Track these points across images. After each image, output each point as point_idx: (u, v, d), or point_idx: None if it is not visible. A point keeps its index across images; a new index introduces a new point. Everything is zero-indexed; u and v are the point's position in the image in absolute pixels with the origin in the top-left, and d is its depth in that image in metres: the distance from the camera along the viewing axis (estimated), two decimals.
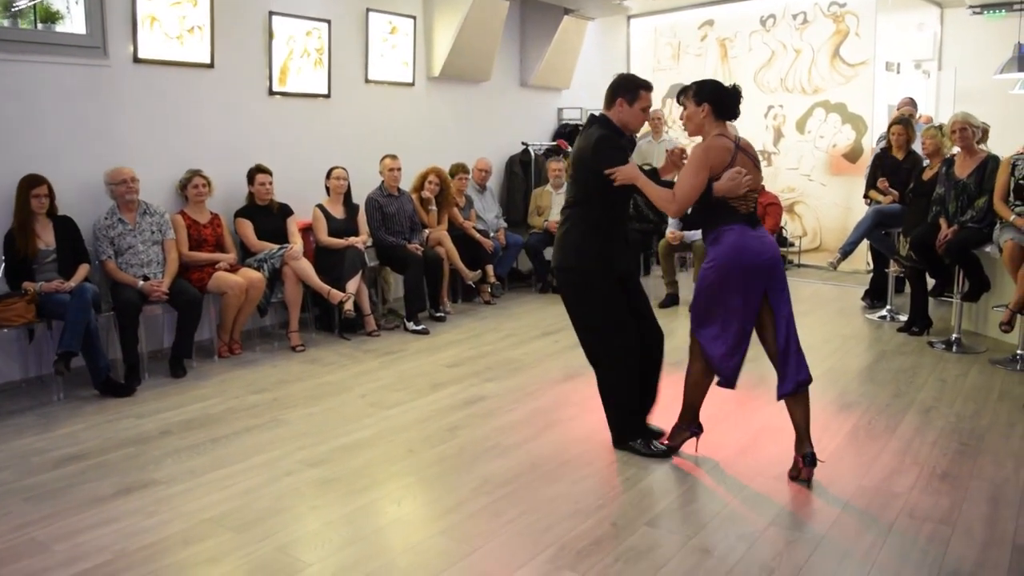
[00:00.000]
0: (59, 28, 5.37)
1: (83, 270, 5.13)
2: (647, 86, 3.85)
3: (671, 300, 7.42)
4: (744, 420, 4.40)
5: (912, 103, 7.77)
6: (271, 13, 6.35)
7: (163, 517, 3.32)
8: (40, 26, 5.28)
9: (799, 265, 9.44)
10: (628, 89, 3.82)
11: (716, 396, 4.71)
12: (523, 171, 8.75)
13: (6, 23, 5.15)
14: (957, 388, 4.90)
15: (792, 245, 9.38)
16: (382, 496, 3.48)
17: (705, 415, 4.39)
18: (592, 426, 4.27)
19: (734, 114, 3.62)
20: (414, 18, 7.54)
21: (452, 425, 4.33)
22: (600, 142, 3.74)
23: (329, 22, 6.76)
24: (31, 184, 4.96)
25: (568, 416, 4.47)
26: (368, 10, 7.08)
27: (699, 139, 3.64)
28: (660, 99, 10.56)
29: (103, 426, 4.45)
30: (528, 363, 5.55)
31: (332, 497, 3.48)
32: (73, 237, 5.19)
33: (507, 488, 3.51)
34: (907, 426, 4.24)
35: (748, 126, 9.76)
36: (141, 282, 5.29)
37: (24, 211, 4.97)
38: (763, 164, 9.47)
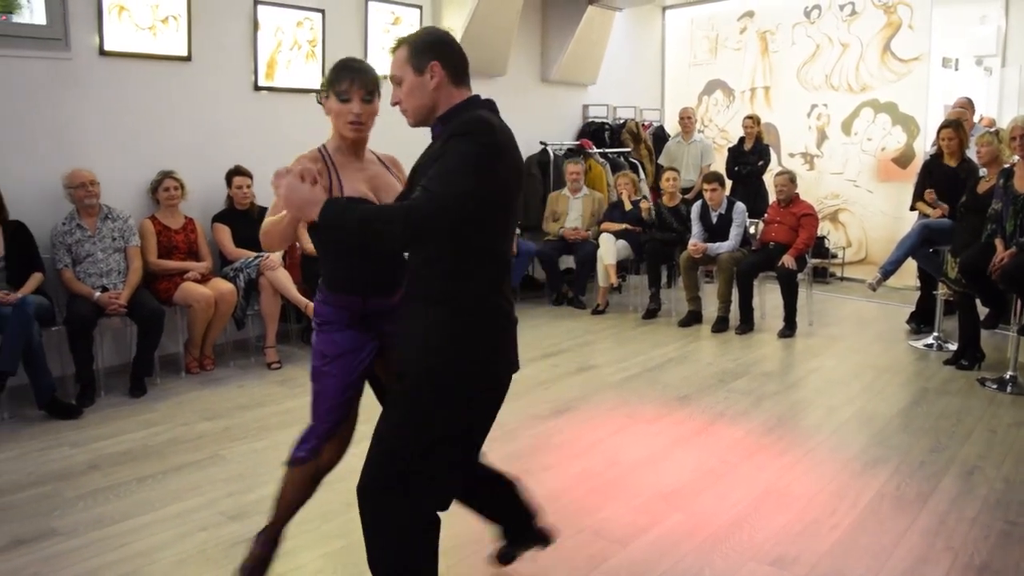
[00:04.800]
0: (17, 18, 4.95)
1: (34, 280, 4.72)
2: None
3: (693, 318, 6.77)
4: (747, 478, 3.76)
5: (969, 104, 6.96)
6: (256, 2, 5.86)
7: None
8: None
9: (841, 279, 8.69)
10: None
11: (717, 445, 4.14)
12: (541, 173, 8.17)
13: None
14: (1008, 442, 4.17)
15: (834, 257, 8.63)
16: (295, 568, 2.95)
17: (703, 469, 3.81)
18: (567, 480, 3.70)
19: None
20: (420, 7, 7.01)
21: None
22: None
23: (323, 12, 6.26)
24: None
25: (543, 465, 3.89)
26: None
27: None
28: (695, 96, 9.90)
29: (31, 456, 4.03)
30: (516, 392, 4.88)
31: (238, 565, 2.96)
32: (25, 244, 4.79)
33: (445, 562, 2.92)
34: (943, 494, 3.55)
35: (790, 126, 9.08)
36: (98, 293, 4.87)
37: None
38: (805, 167, 8.82)
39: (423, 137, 2.20)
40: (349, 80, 2.46)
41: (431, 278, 2.13)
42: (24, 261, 4.75)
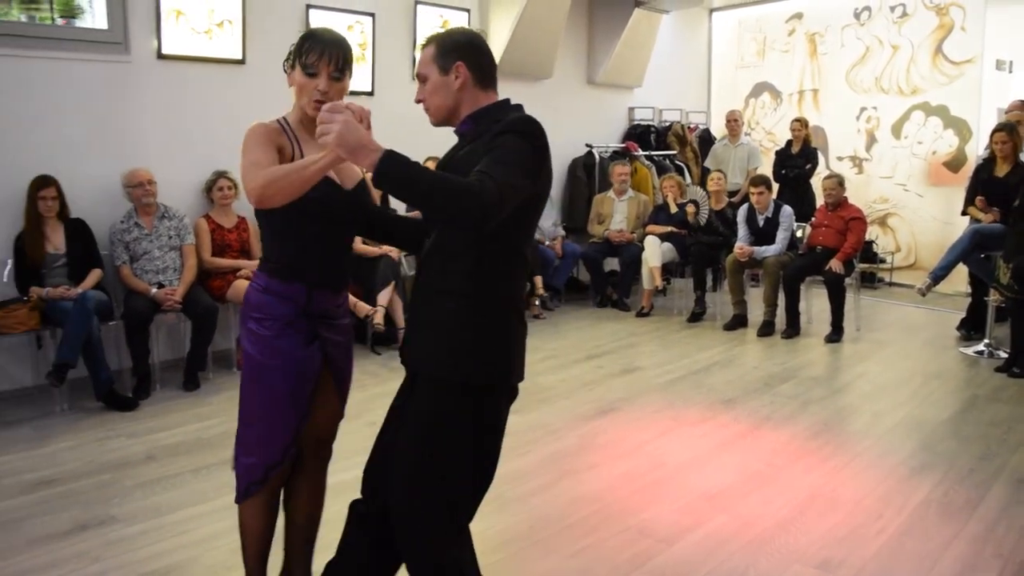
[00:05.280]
0: (79, 23, 5.12)
1: (94, 276, 4.88)
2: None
3: (738, 322, 6.75)
4: (792, 482, 3.75)
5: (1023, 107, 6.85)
6: (308, 6, 5.99)
7: (106, 564, 2.97)
8: (59, 21, 5.04)
9: (890, 284, 8.58)
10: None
11: (763, 448, 4.14)
12: (586, 175, 8.20)
13: (23, 18, 4.92)
14: None
15: (883, 262, 8.53)
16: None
17: (748, 472, 3.81)
18: (611, 480, 3.73)
19: None
20: (468, 11, 7.09)
21: None
22: None
23: (373, 16, 6.37)
24: (39, 186, 4.75)
25: (588, 464, 3.92)
26: (417, 3, 6.65)
27: None
28: (742, 99, 9.85)
29: (90, 446, 4.16)
30: (561, 393, 5.02)
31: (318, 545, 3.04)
32: (85, 241, 4.95)
33: (493, 557, 2.99)
34: (993, 501, 3.51)
35: (838, 129, 9.00)
36: (154, 290, 5.00)
37: (33, 213, 4.76)
38: (853, 171, 8.72)
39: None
40: (318, 52, 2.22)
41: (455, 273, 2.03)
42: (84, 257, 4.91)
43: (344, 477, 2.78)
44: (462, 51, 2.10)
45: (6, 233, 4.79)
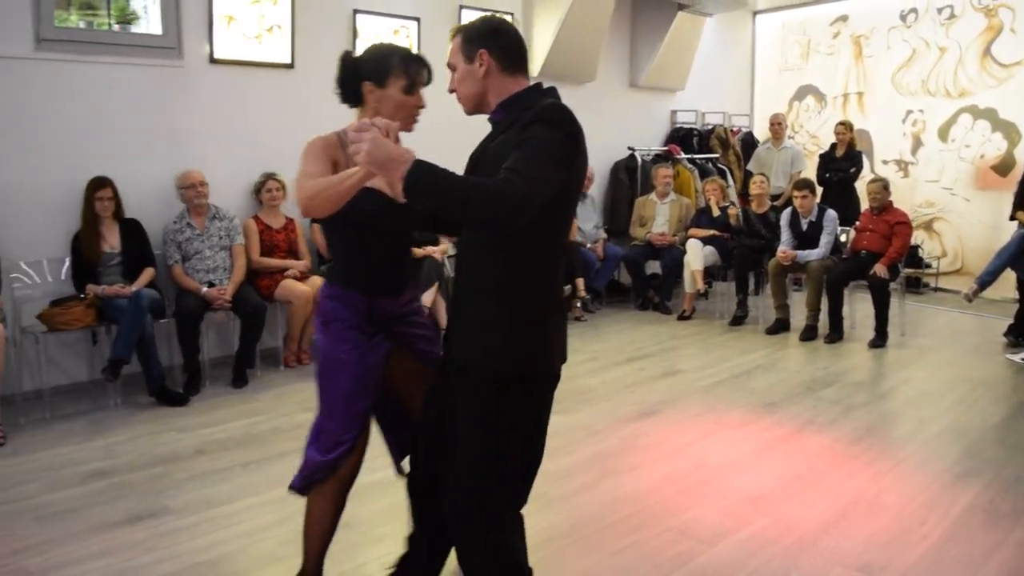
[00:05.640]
0: (135, 29, 5.27)
1: (147, 274, 5.02)
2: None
3: (780, 326, 6.71)
4: (835, 486, 3.74)
5: None
6: (355, 11, 6.09)
7: (158, 555, 3.07)
8: (116, 27, 5.19)
9: (936, 289, 8.47)
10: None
11: (805, 452, 4.13)
12: (628, 178, 8.21)
13: (82, 25, 5.08)
14: None
15: (929, 267, 8.42)
16: (392, 552, 3.08)
17: (790, 475, 3.81)
18: (653, 481, 3.75)
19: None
20: (512, 15, 7.14)
21: None
22: None
23: (418, 20, 6.45)
24: (95, 187, 4.89)
25: (630, 465, 3.95)
26: (461, 7, 6.72)
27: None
28: (785, 102, 9.79)
29: (143, 439, 4.29)
30: (602, 394, 5.04)
31: (338, 548, 3.09)
32: (139, 240, 5.09)
33: (536, 554, 3.01)
34: None
35: (883, 132, 8.90)
36: (205, 288, 5.13)
37: (90, 213, 4.91)
38: (899, 175, 8.62)
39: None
40: (424, 73, 2.42)
41: (490, 268, 2.08)
42: (138, 256, 5.05)
43: (388, 475, 2.83)
44: (484, 38, 2.14)
45: (64, 232, 4.94)
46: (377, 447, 3.77)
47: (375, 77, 2.39)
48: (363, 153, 1.87)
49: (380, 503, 3.49)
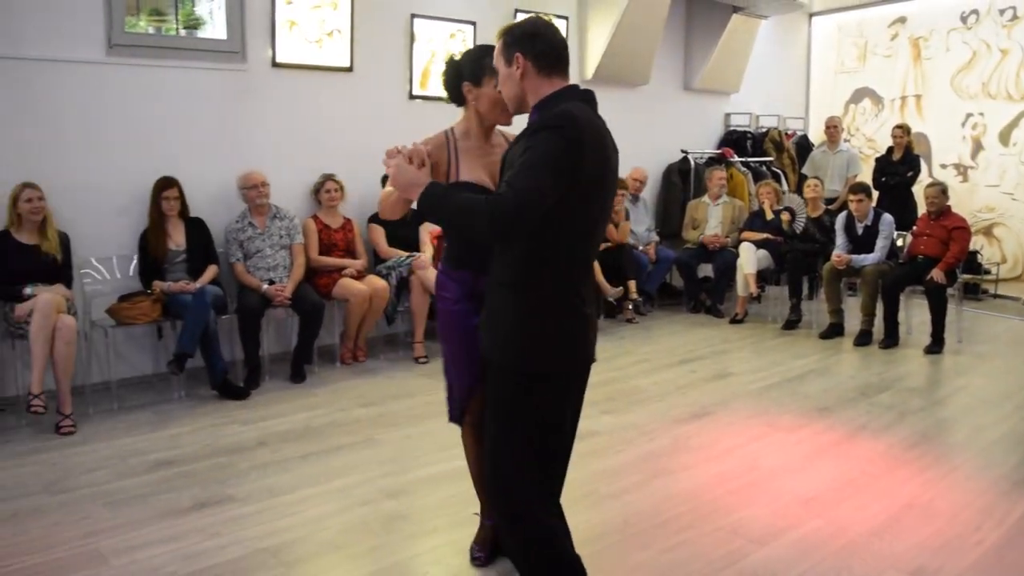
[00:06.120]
0: (201, 34, 5.44)
1: (210, 272, 5.17)
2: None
3: (834, 331, 6.66)
4: (888, 490, 3.73)
5: None
6: (413, 16, 6.21)
7: (223, 540, 3.18)
8: (183, 32, 5.37)
9: (995, 296, 8.31)
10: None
11: (859, 457, 4.12)
12: (681, 181, 8.21)
13: (150, 30, 5.26)
14: None
15: (988, 273, 8.27)
16: (446, 543, 3.16)
17: (843, 479, 3.81)
18: (706, 480, 3.78)
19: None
20: (567, 18, 7.21)
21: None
22: None
23: (474, 24, 6.54)
24: (162, 186, 5.05)
25: (681, 465, 3.98)
26: (516, 11, 6.79)
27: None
28: (841, 105, 9.69)
29: (207, 431, 4.43)
30: (654, 395, 5.07)
31: (396, 537, 3.21)
32: (203, 238, 5.25)
33: (589, 548, 3.07)
34: None
35: (942, 136, 8.76)
36: (265, 286, 5.27)
37: (156, 212, 5.07)
38: (958, 179, 8.47)
39: None
40: None
41: (507, 264, 2.22)
42: (202, 254, 5.21)
43: (440, 469, 2.91)
44: (521, 42, 2.22)
45: (132, 230, 5.12)
46: (429, 441, 3.88)
47: (472, 77, 2.62)
48: (390, 177, 2.24)
49: (433, 497, 3.58)
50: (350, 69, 5.94)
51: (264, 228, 5.40)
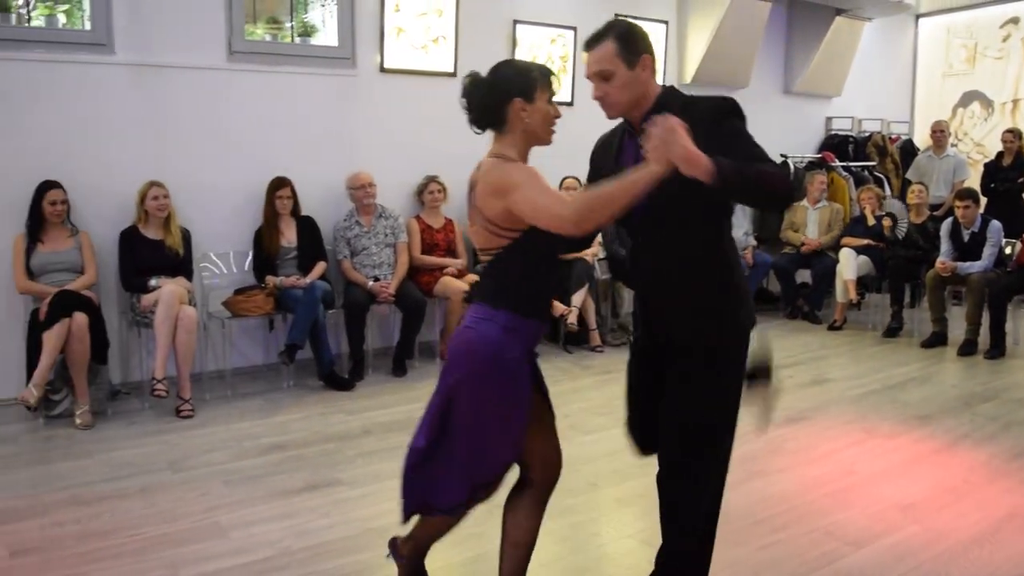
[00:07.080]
0: (314, 41, 5.71)
1: (319, 268, 5.42)
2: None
3: (937, 339, 6.50)
4: (989, 500, 3.67)
5: None
6: (515, 22, 6.36)
7: (334, 519, 3.38)
8: (297, 39, 5.65)
9: None
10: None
11: (959, 465, 4.05)
12: None
13: (267, 38, 5.56)
14: None
15: None
16: (541, 534, 3.27)
17: (943, 487, 3.77)
18: (802, 483, 3.79)
19: None
20: (666, 23, 7.24)
21: (645, 462, 4.01)
22: None
23: (575, 29, 6.65)
24: (276, 186, 5.33)
25: (777, 467, 4.00)
26: (616, 15, 6.87)
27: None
28: (948, 108, 9.41)
29: (315, 419, 4.66)
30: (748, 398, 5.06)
31: (491, 525, 3.31)
32: (313, 236, 5.51)
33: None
34: None
35: None
36: (371, 283, 5.49)
37: (270, 210, 5.35)
38: None
39: None
40: (557, 83, 2.36)
41: (697, 244, 2.34)
42: (312, 251, 5.47)
43: None
44: (645, 44, 2.27)
45: (248, 227, 5.42)
46: None
47: (524, 93, 2.25)
48: (663, 151, 1.95)
49: None
50: (454, 74, 6.12)
51: (370, 227, 5.63)
